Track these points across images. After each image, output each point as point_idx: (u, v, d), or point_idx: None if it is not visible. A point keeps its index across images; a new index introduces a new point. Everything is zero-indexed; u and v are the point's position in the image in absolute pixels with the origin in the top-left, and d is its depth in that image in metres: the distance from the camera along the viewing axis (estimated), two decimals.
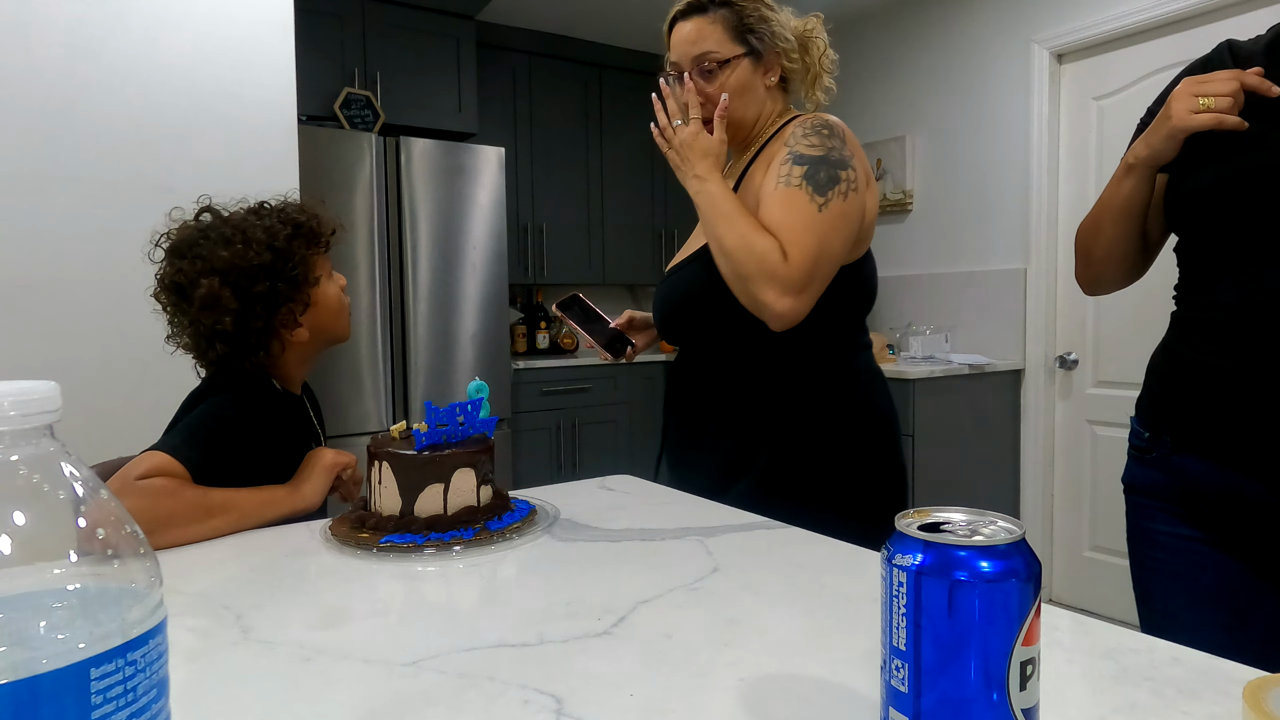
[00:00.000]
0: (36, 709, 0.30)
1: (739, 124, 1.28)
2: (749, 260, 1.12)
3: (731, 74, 1.24)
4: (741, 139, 1.31)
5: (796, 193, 1.14)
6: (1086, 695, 0.52)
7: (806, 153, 1.17)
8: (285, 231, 1.14)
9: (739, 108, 1.26)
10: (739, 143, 1.32)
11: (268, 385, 1.16)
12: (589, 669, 0.57)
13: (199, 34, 1.86)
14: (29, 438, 0.34)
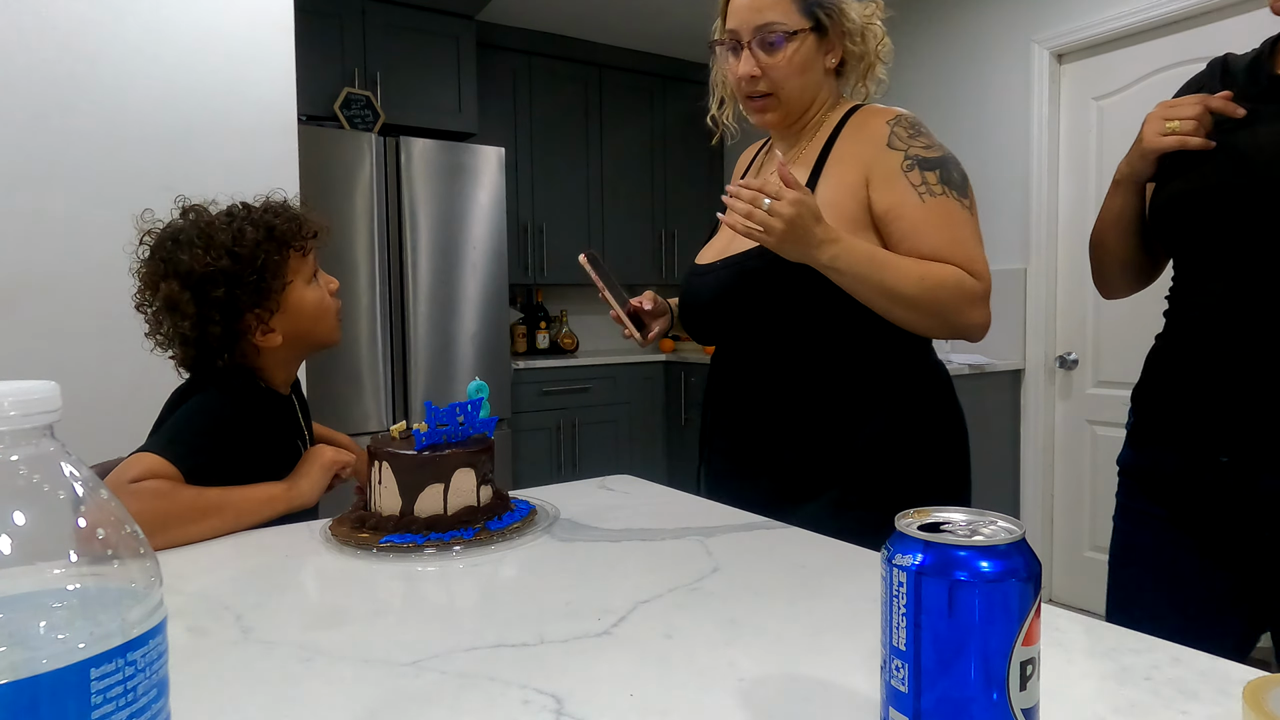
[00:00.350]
0: (36, 709, 0.30)
1: (793, 105, 1.19)
2: (944, 296, 1.05)
3: (796, 50, 1.14)
4: (791, 123, 1.22)
5: (946, 202, 1.08)
6: (1086, 695, 0.52)
7: (928, 155, 1.10)
8: (254, 235, 1.11)
9: (798, 88, 1.17)
10: (788, 126, 1.23)
11: (252, 384, 1.16)
12: (589, 669, 0.57)
13: (199, 34, 1.86)
14: (29, 438, 0.34)
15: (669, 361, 4.16)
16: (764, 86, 1.16)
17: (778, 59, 1.15)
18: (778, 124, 1.21)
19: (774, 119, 1.20)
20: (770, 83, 1.16)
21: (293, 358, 1.21)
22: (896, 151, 1.11)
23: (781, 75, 1.16)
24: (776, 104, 1.17)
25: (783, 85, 1.17)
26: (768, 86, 1.16)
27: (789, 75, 1.16)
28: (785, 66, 1.15)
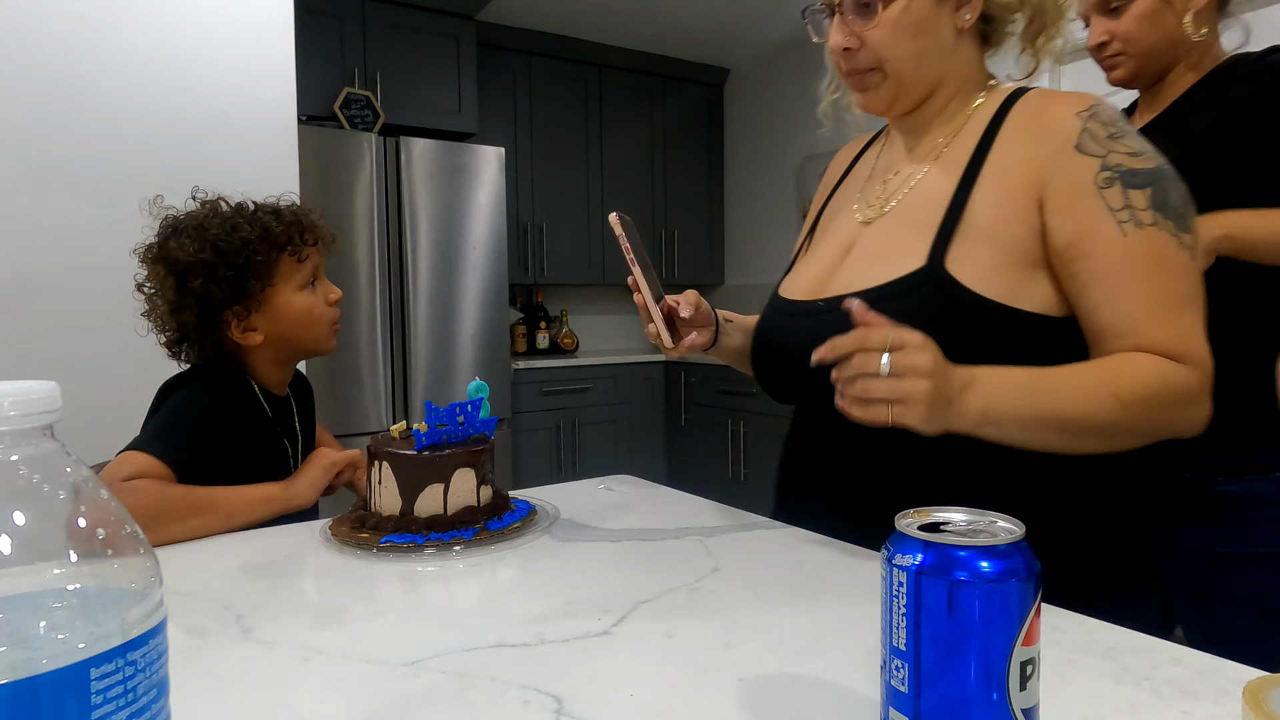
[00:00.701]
0: (36, 709, 0.30)
1: (909, 83, 0.90)
2: (1150, 415, 0.76)
3: (903, 9, 0.87)
4: (912, 107, 0.93)
5: (1158, 238, 0.77)
6: (1086, 695, 0.52)
7: (1136, 166, 0.80)
8: (245, 234, 1.12)
9: (911, 60, 0.89)
10: (909, 112, 0.94)
11: (239, 380, 1.17)
12: (589, 669, 0.57)
13: (199, 34, 1.86)
14: (29, 438, 0.34)
15: (669, 361, 4.16)
16: (864, 60, 0.90)
17: (876, 22, 0.88)
18: (891, 108, 0.93)
19: (883, 100, 0.92)
20: (871, 55, 0.89)
21: (280, 359, 1.20)
22: (1090, 159, 0.80)
23: (884, 42, 0.88)
24: (882, 80, 0.90)
25: (888, 56, 0.88)
26: (869, 60, 0.89)
27: (895, 42, 0.88)
28: (889, 31, 0.88)
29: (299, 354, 1.21)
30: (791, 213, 4.31)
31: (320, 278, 1.20)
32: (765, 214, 4.47)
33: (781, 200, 4.37)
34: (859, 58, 0.90)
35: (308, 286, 1.17)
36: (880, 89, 0.91)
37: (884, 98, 0.92)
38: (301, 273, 1.16)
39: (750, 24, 4.00)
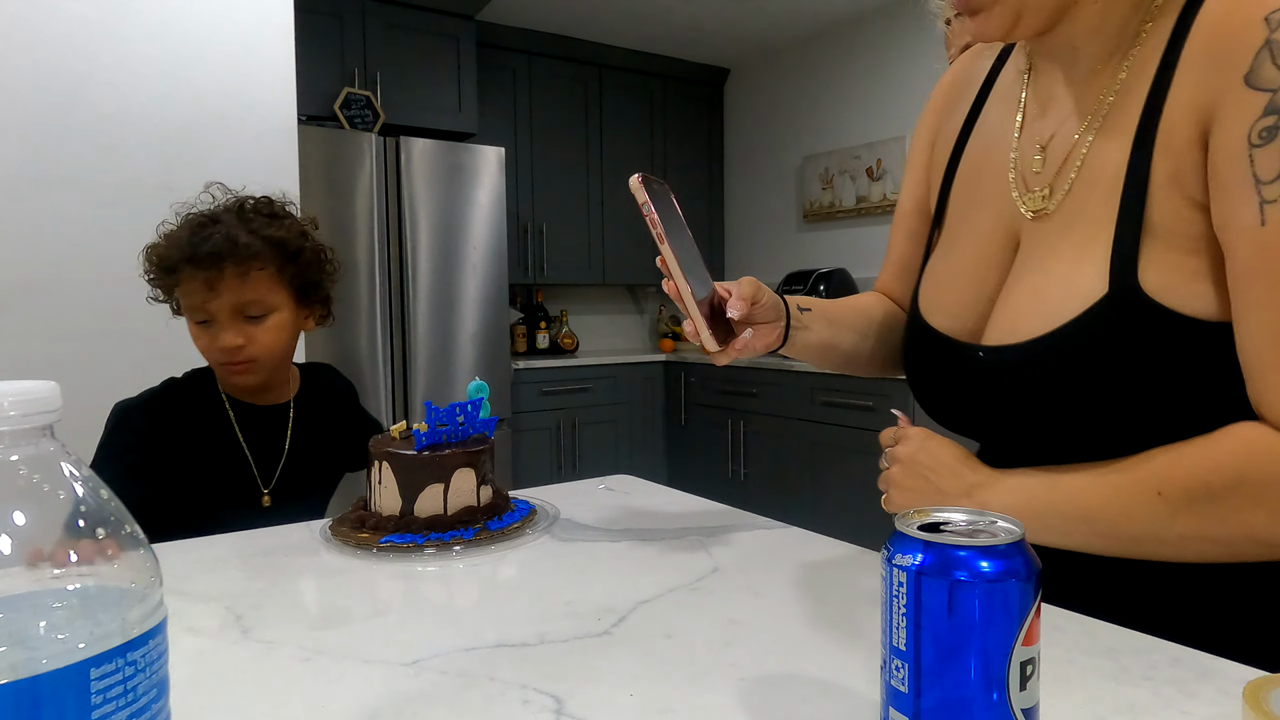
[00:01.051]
0: (36, 709, 0.30)
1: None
2: (1208, 517, 0.59)
3: None
4: (1039, 27, 0.68)
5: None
6: (1086, 695, 0.52)
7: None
8: (161, 249, 1.13)
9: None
10: (1041, 33, 0.70)
11: (206, 386, 1.19)
12: (589, 669, 0.57)
13: (199, 34, 1.86)
14: (29, 438, 0.34)
15: (669, 361, 4.16)
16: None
17: None
18: (1013, 32, 0.68)
19: (998, 23, 0.67)
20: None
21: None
22: (1258, 94, 0.57)
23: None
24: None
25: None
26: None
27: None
28: None
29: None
30: (792, 213, 4.31)
31: (212, 320, 1.12)
32: (765, 214, 4.47)
33: (781, 200, 4.37)
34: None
35: (196, 319, 1.13)
36: (994, 9, 0.66)
37: (1000, 20, 0.67)
38: (186, 298, 1.13)
39: (750, 24, 4.00)
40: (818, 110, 4.15)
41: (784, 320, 0.81)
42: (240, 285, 1.10)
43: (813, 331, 0.85)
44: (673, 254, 0.72)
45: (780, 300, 0.81)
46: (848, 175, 3.94)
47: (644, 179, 0.73)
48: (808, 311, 0.85)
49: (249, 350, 1.13)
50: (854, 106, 3.95)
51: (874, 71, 3.85)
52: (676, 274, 0.73)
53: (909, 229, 0.91)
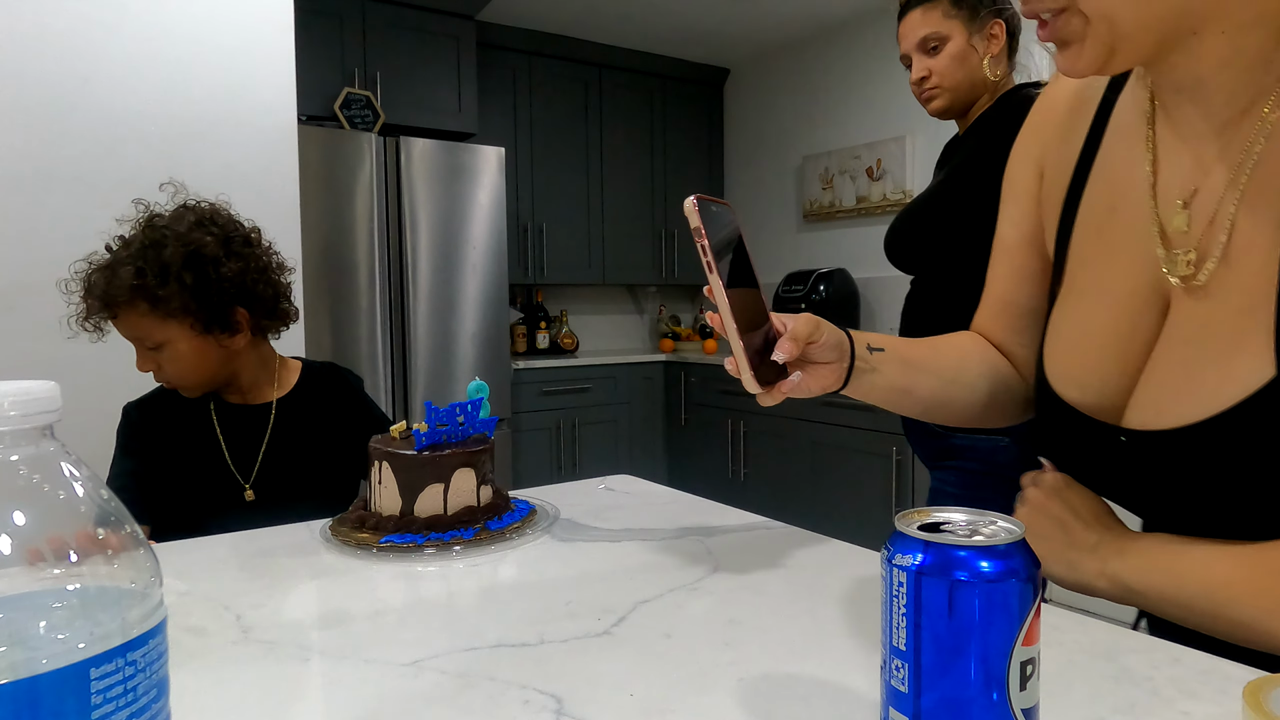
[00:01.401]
0: (36, 709, 0.30)
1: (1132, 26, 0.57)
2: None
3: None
4: (1149, 57, 0.60)
5: None
6: (1086, 695, 0.52)
7: None
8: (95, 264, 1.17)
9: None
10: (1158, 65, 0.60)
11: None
12: (589, 669, 0.57)
13: (199, 34, 1.86)
14: (29, 438, 0.34)
15: (669, 361, 4.16)
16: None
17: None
18: (1107, 66, 0.59)
19: (1090, 59, 0.58)
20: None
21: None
22: None
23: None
24: (1083, 26, 0.58)
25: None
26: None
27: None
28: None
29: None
30: (792, 213, 4.31)
31: (134, 346, 1.19)
32: (765, 214, 4.47)
33: (781, 200, 4.37)
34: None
35: (140, 351, 1.19)
36: (1085, 42, 0.57)
37: (1091, 56, 0.58)
38: (137, 325, 1.17)
39: (750, 24, 4.00)
40: (818, 110, 4.15)
41: (847, 360, 0.73)
42: (121, 323, 1.17)
43: (882, 374, 0.77)
44: (721, 284, 0.66)
45: (844, 337, 0.74)
46: (848, 175, 3.94)
47: (700, 201, 0.67)
48: (879, 351, 0.77)
49: (162, 375, 1.20)
50: (854, 106, 3.95)
51: (874, 71, 3.85)
52: (722, 306, 0.67)
53: (1014, 265, 0.81)
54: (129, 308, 1.13)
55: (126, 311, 1.14)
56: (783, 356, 0.68)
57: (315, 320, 2.80)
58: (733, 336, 0.67)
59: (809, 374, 0.71)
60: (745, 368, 0.66)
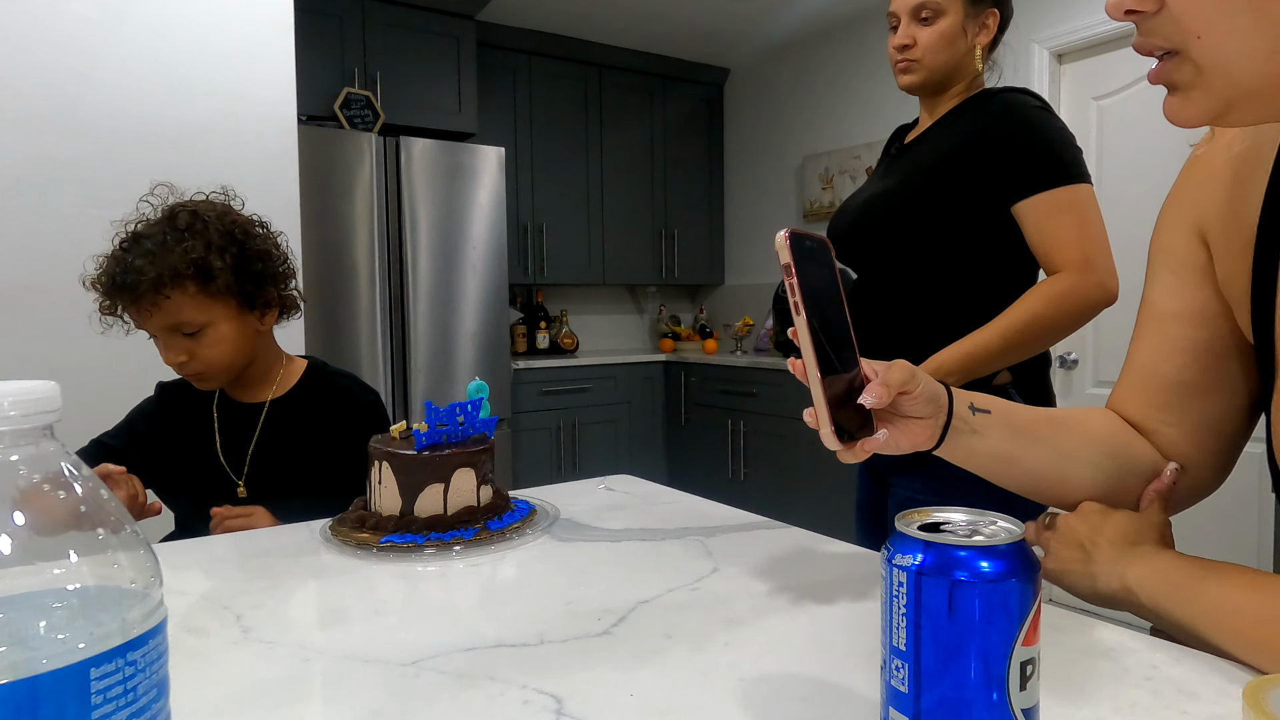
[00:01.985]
0: (36, 709, 0.30)
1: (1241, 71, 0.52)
2: None
3: None
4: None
5: None
6: (1086, 695, 0.52)
7: None
8: (115, 262, 1.17)
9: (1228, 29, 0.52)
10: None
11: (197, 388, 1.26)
12: (589, 669, 0.57)
13: (199, 34, 1.86)
14: (29, 438, 0.34)
15: (669, 361, 4.16)
16: (1161, 32, 0.53)
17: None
18: (1223, 117, 0.55)
19: (1197, 110, 0.54)
20: (1171, 24, 0.53)
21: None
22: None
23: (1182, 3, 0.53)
24: (1194, 75, 0.53)
25: (1193, 25, 0.52)
26: (1166, 34, 0.53)
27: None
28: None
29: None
30: (792, 213, 4.31)
31: (161, 339, 1.17)
32: (765, 214, 4.47)
33: (781, 200, 4.37)
34: (1154, 25, 0.52)
35: (152, 338, 1.18)
36: (1193, 92, 0.53)
37: (1201, 106, 0.53)
38: (144, 322, 1.17)
39: (750, 24, 4.00)
40: (818, 110, 4.15)
41: (943, 417, 0.67)
42: (163, 310, 1.13)
43: (984, 438, 0.69)
44: (808, 328, 0.60)
45: (943, 392, 0.67)
46: (848, 175, 3.94)
47: (793, 236, 0.60)
48: (983, 413, 0.70)
49: (193, 365, 1.17)
50: (854, 106, 3.95)
51: (874, 71, 3.85)
52: (806, 353, 0.61)
53: (1168, 335, 0.74)
54: (178, 290, 1.12)
55: (175, 294, 1.12)
56: (871, 401, 0.62)
57: (315, 320, 2.80)
58: (814, 385, 0.61)
59: (898, 429, 0.65)
60: (825, 420, 0.61)
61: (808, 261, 0.62)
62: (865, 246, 1.40)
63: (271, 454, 1.25)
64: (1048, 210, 1.25)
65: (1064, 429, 0.75)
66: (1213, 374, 0.71)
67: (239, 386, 1.27)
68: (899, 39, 1.40)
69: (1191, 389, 0.73)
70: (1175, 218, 0.73)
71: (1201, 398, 0.72)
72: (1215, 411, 0.72)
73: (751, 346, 4.22)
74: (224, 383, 1.24)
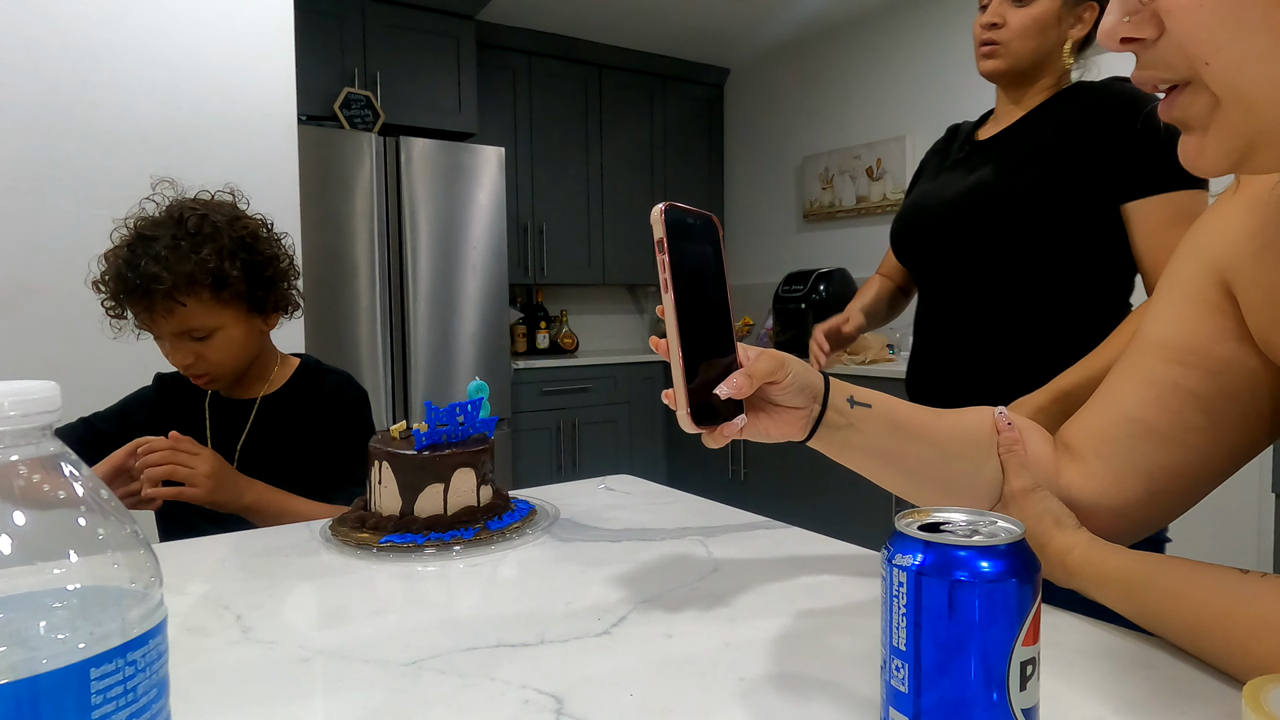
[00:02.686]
0: (36, 709, 0.30)
1: (1257, 103, 0.45)
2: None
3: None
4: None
5: None
6: (1086, 695, 0.52)
7: None
8: (122, 260, 1.16)
9: (1229, 58, 0.43)
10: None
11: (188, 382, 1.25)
12: (589, 669, 0.57)
13: (199, 34, 1.86)
14: (29, 438, 0.34)
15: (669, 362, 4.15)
16: (1162, 62, 0.47)
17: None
18: (1225, 163, 0.47)
19: (1211, 155, 0.47)
20: (1175, 50, 0.46)
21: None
22: None
23: (1183, 27, 0.45)
24: (1209, 108, 0.46)
25: (1197, 50, 0.44)
26: (1170, 62, 0.46)
27: (1193, 29, 0.45)
28: (1182, 12, 0.45)
29: None
30: (792, 212, 4.31)
31: (168, 342, 1.17)
32: (765, 214, 4.47)
33: (781, 200, 4.37)
34: (1156, 55, 0.46)
35: (158, 339, 1.18)
36: (1209, 130, 0.46)
37: (1217, 151, 0.46)
38: (140, 327, 1.17)
39: (750, 24, 4.00)
40: (818, 110, 4.15)
41: (816, 408, 0.65)
42: (176, 317, 1.13)
43: (861, 433, 0.67)
44: (674, 308, 0.58)
45: (818, 384, 0.65)
46: (848, 175, 3.94)
47: (670, 210, 0.58)
48: (863, 406, 0.67)
49: (200, 366, 1.17)
50: (854, 106, 3.95)
51: (874, 71, 3.85)
52: (671, 331, 0.59)
53: (1141, 366, 0.68)
54: (192, 297, 1.12)
55: (190, 301, 1.12)
56: (727, 392, 0.61)
57: (315, 320, 2.80)
58: (675, 366, 0.59)
59: (770, 417, 0.65)
60: (682, 403, 0.59)
61: (686, 238, 0.60)
62: (965, 240, 1.29)
63: (260, 450, 1.25)
64: (1162, 218, 1.14)
65: (950, 428, 0.72)
66: (1179, 420, 0.64)
67: (234, 384, 1.27)
68: (987, 17, 1.29)
69: (1145, 428, 0.65)
70: (1195, 248, 0.66)
71: (1153, 441, 0.65)
72: (1161, 460, 0.65)
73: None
74: (228, 384, 1.25)
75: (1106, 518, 0.66)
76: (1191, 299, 0.65)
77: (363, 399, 1.33)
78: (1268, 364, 0.60)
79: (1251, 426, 0.63)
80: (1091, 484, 0.67)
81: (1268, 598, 0.50)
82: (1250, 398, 0.62)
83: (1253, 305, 0.60)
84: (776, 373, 0.62)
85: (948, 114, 3.49)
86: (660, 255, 0.58)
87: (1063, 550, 0.62)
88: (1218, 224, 0.64)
